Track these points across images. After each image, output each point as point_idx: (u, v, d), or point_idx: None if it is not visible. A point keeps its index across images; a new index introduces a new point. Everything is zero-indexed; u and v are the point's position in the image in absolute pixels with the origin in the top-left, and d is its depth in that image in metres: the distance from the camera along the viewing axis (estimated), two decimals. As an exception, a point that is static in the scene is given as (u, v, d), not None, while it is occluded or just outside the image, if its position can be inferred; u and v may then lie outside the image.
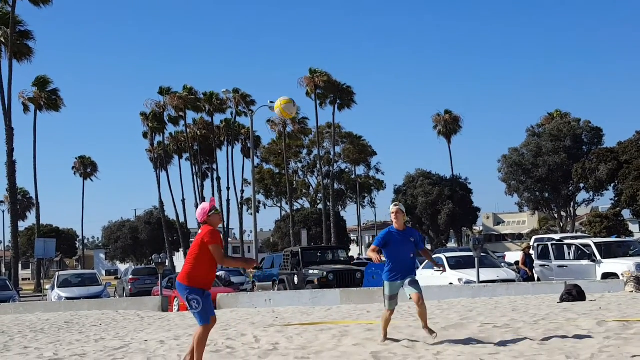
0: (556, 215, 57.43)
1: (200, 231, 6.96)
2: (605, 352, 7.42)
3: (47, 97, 50.58)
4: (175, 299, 22.83)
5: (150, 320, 16.11)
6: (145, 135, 60.72)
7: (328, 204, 57.78)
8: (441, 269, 9.28)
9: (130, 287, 33.01)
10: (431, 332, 8.40)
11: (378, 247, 8.40)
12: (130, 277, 34.12)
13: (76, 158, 69.96)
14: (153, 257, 24.54)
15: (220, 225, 7.28)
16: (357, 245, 73.95)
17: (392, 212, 8.33)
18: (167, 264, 44.43)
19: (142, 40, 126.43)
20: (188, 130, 60.39)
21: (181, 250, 62.68)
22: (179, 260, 66.91)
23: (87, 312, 19.55)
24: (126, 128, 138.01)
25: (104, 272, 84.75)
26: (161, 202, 60.50)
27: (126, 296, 31.24)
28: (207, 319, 6.98)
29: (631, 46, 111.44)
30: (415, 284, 8.31)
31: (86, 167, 69.62)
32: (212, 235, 6.83)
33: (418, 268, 21.57)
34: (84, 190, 69.44)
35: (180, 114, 57.91)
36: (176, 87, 58.39)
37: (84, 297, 23.93)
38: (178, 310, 22.36)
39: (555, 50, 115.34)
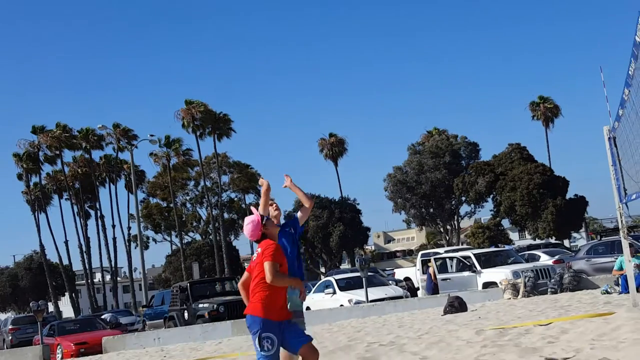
0: (442, 229, 59.32)
1: (259, 249, 5.85)
2: (481, 361, 7.60)
3: None
4: (58, 346, 21.65)
5: (28, 372, 15.16)
6: (20, 177, 57.99)
7: (219, 234, 56.98)
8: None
9: (10, 337, 31.63)
10: None
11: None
12: (10, 327, 32.63)
13: (-55, 206, 65.68)
14: (31, 304, 23.24)
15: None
16: (252, 274, 73.12)
17: (270, 206, 7.08)
18: (49, 310, 42.20)
19: (11, 76, 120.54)
20: (67, 168, 58.12)
21: (66, 294, 59.76)
22: (65, 305, 63.82)
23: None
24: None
25: (-17, 325, 79.36)
26: (42, 246, 57.73)
27: (7, 347, 29.56)
28: None
29: (496, 65, 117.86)
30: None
31: (-43, 215, 65.35)
32: (270, 249, 5.72)
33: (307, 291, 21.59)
34: (-45, 239, 65.07)
35: (57, 152, 55.68)
36: (50, 125, 56.23)
37: (-44, 355, 22.34)
38: (62, 358, 21.22)
39: (430, 69, 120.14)
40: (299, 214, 7.04)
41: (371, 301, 19.86)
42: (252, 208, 6.23)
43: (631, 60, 6.19)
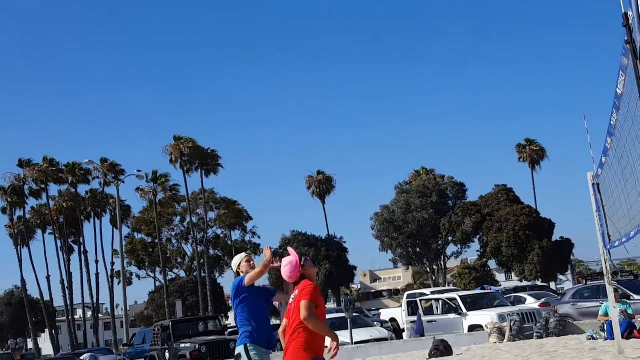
0: (428, 269, 59.08)
1: (297, 291, 5.64)
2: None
3: None
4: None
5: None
6: (4, 210, 57.47)
7: (204, 271, 56.46)
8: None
9: (-13, 376, 30.79)
10: None
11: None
12: (-13, 365, 31.74)
13: None
14: (9, 342, 22.73)
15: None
16: (236, 312, 72.31)
17: (247, 262, 6.73)
18: (28, 347, 41.43)
19: None
20: (52, 202, 57.72)
21: (46, 330, 58.76)
22: (45, 342, 62.65)
23: None
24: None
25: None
26: (23, 281, 56.97)
27: (-18, 387, 28.91)
28: None
29: (483, 106, 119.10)
30: None
31: (-62, 248, 64.54)
32: (309, 288, 5.49)
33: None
34: None
35: (42, 186, 55.37)
36: (37, 158, 56.03)
37: None
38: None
39: (418, 109, 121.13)
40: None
41: (356, 343, 19.57)
42: (289, 249, 5.99)
43: (613, 110, 6.21)
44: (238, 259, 6.81)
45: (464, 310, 20.00)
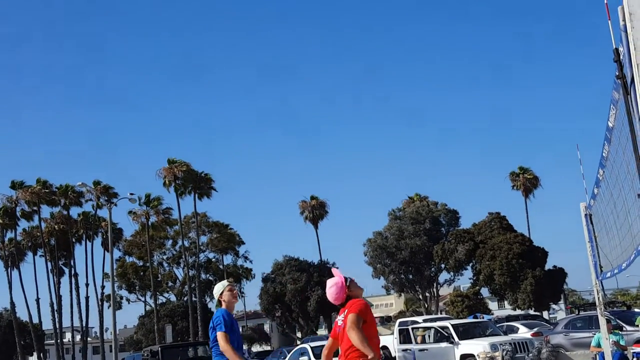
0: (421, 297, 58.81)
1: (345, 311, 5.64)
2: None
3: None
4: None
5: None
6: (-5, 232, 57.10)
7: (195, 295, 56.08)
8: None
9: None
10: None
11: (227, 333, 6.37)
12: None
13: None
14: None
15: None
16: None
17: (229, 290, 6.62)
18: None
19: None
20: (44, 224, 57.45)
21: (34, 354, 58.13)
22: (33, 365, 61.88)
23: None
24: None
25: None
26: (12, 303, 56.47)
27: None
28: None
29: (478, 133, 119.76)
30: None
31: None
32: (358, 303, 5.52)
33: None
34: None
35: (35, 208, 55.15)
36: (30, 180, 55.88)
37: None
38: None
39: (413, 136, 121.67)
40: None
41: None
42: (334, 270, 5.99)
43: (604, 142, 6.24)
44: (220, 287, 6.70)
45: (456, 338, 19.88)
